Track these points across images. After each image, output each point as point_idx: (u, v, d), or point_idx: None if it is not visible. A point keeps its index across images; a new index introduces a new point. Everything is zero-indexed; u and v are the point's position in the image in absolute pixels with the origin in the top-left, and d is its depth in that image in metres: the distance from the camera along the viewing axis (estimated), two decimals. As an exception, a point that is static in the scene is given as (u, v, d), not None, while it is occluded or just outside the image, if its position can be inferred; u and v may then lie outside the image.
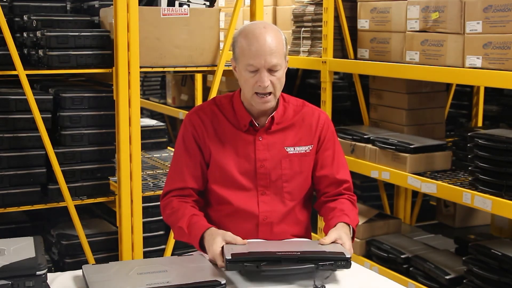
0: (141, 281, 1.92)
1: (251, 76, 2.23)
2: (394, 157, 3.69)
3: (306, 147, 2.38)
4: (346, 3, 4.18)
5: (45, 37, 3.14)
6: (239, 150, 2.34)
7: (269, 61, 2.21)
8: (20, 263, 1.84)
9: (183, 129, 2.40)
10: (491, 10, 3.11)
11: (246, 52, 2.23)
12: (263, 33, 2.22)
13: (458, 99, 4.99)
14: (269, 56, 2.20)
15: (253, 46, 2.21)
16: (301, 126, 2.39)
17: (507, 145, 3.06)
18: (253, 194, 2.34)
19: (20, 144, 3.16)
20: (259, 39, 2.21)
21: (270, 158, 2.34)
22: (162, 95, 6.21)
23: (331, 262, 1.99)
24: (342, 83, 5.34)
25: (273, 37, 2.23)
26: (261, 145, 2.34)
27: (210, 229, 2.19)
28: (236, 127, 2.36)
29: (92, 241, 3.38)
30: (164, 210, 2.40)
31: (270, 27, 2.27)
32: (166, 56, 3.36)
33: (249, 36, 2.24)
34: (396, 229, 4.21)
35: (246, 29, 2.28)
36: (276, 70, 2.23)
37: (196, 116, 2.39)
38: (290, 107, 2.40)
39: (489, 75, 3.09)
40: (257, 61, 2.21)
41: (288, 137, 2.37)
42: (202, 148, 2.36)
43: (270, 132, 2.35)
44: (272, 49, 2.21)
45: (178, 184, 2.37)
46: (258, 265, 1.96)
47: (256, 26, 2.27)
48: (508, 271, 3.18)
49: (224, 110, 2.38)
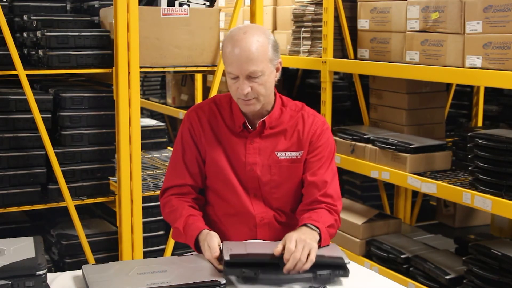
0: (141, 281, 1.92)
1: (233, 83, 2.21)
2: (394, 157, 3.69)
3: (297, 153, 2.32)
4: (346, 3, 4.18)
5: (45, 37, 3.14)
6: (232, 151, 2.33)
7: (245, 69, 2.15)
8: (20, 263, 1.83)
9: (182, 127, 2.40)
10: (491, 10, 3.11)
11: (226, 59, 2.20)
12: (242, 39, 2.16)
13: (458, 99, 4.99)
14: (246, 64, 2.15)
15: (232, 53, 2.17)
16: (293, 131, 2.33)
17: (507, 145, 3.06)
18: (246, 195, 2.33)
19: (20, 144, 3.16)
20: (237, 46, 2.16)
21: (260, 163, 2.31)
22: (162, 95, 6.21)
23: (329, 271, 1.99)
24: (342, 83, 5.34)
25: (252, 43, 2.15)
26: (252, 148, 2.31)
27: (203, 232, 2.18)
28: (231, 128, 2.34)
29: (92, 241, 3.38)
30: (163, 208, 2.40)
31: (251, 32, 2.18)
32: (166, 56, 3.36)
33: (230, 42, 2.19)
34: (396, 229, 4.21)
35: (229, 34, 2.23)
36: (257, 76, 2.17)
37: (195, 113, 2.38)
38: (287, 112, 2.35)
39: (489, 75, 3.09)
40: (234, 68, 2.17)
41: (280, 142, 2.32)
42: (198, 145, 2.35)
43: (263, 137, 2.32)
44: (249, 56, 2.14)
45: (176, 181, 2.37)
46: (256, 272, 1.96)
47: (237, 31, 2.20)
48: (508, 271, 3.18)
49: (222, 109, 2.37)
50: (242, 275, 1.97)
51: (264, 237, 2.34)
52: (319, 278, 1.97)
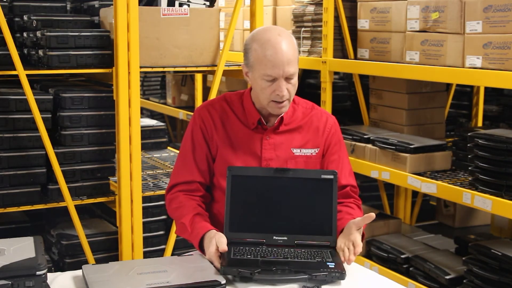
0: (141, 281, 1.92)
1: (268, 85, 2.23)
2: (394, 157, 3.69)
3: (312, 150, 2.37)
4: (346, 3, 4.18)
5: (45, 37, 3.14)
6: (246, 148, 2.35)
7: (287, 71, 2.20)
8: (20, 263, 1.83)
9: (192, 123, 2.41)
10: (491, 10, 3.11)
11: (263, 62, 2.21)
12: (280, 42, 2.20)
13: (458, 99, 4.99)
14: (287, 66, 2.19)
15: (271, 56, 2.19)
16: (309, 128, 2.39)
17: (507, 145, 3.06)
18: None
19: (20, 144, 3.17)
20: (276, 48, 2.19)
21: (276, 158, 2.34)
22: (162, 95, 6.21)
23: (325, 273, 1.99)
24: (342, 83, 5.34)
25: (288, 45, 2.21)
26: (268, 144, 2.34)
27: (210, 231, 2.19)
28: (245, 125, 2.36)
29: (92, 241, 3.39)
30: (169, 204, 2.40)
31: (284, 34, 2.25)
32: (166, 56, 3.36)
33: (265, 46, 2.21)
34: (396, 229, 4.21)
35: (261, 36, 2.25)
36: (292, 78, 2.23)
37: (206, 110, 2.39)
38: (299, 109, 2.40)
39: (489, 75, 3.09)
40: (276, 71, 2.19)
41: (295, 138, 2.37)
42: (209, 142, 2.37)
43: (277, 132, 2.35)
44: (289, 58, 2.20)
45: (185, 177, 2.37)
46: (252, 272, 1.97)
47: (272, 33, 2.24)
48: (508, 271, 3.18)
49: (234, 107, 2.39)
50: (239, 275, 1.99)
51: None
52: (314, 279, 1.98)
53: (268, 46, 2.20)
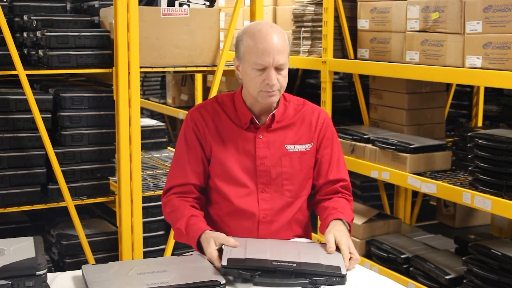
0: (141, 281, 1.92)
1: (258, 75, 2.24)
2: (394, 157, 3.69)
3: (306, 146, 2.39)
4: (346, 3, 4.18)
5: (45, 37, 3.14)
6: (240, 147, 2.36)
7: (277, 60, 2.22)
8: (20, 263, 1.83)
9: (185, 126, 2.42)
10: (491, 10, 3.11)
11: (254, 51, 2.23)
12: (271, 32, 2.24)
13: (458, 99, 4.99)
14: (277, 54, 2.22)
15: (261, 45, 2.22)
16: (301, 124, 2.40)
17: (507, 145, 3.06)
18: (253, 191, 2.35)
19: (20, 144, 3.17)
20: (267, 38, 2.23)
21: (270, 156, 2.35)
22: (162, 95, 6.22)
23: (325, 278, 1.99)
24: (342, 83, 5.34)
25: (279, 36, 2.25)
26: (262, 142, 2.35)
27: (205, 232, 2.19)
28: (237, 125, 2.37)
29: (92, 241, 3.39)
30: (164, 208, 2.41)
31: (275, 26, 2.30)
32: (166, 56, 3.36)
33: (256, 35, 2.24)
34: (396, 229, 4.21)
35: (252, 28, 2.29)
36: (282, 68, 2.25)
37: (198, 113, 2.40)
38: (290, 106, 2.41)
39: (489, 75, 3.09)
40: (266, 59, 2.22)
41: (288, 135, 2.38)
42: (203, 144, 2.37)
43: (270, 130, 2.36)
44: (279, 48, 2.23)
45: (179, 180, 2.38)
46: (253, 275, 1.97)
47: (262, 25, 2.28)
48: (508, 271, 3.18)
49: (226, 108, 2.40)
50: (239, 276, 1.98)
51: (266, 234, 2.35)
52: (315, 283, 1.98)
53: (258, 35, 2.24)
